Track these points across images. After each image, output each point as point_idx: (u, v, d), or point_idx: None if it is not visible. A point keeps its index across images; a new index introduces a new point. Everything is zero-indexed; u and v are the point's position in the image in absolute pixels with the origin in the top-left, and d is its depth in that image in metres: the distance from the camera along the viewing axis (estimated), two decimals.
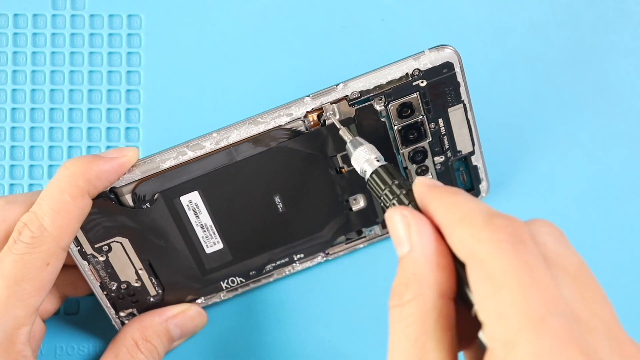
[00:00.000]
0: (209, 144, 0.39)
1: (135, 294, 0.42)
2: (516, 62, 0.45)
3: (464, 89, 0.40)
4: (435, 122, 0.41)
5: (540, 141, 0.45)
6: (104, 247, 0.41)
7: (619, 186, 0.45)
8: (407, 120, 0.40)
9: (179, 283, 0.42)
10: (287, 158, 0.40)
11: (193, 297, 0.43)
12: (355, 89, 0.39)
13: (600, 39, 0.45)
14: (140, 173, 0.39)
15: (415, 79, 0.39)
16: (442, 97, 0.40)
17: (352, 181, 0.42)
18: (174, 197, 0.40)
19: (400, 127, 0.40)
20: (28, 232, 0.36)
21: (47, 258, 0.36)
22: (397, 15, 0.45)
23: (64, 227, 0.37)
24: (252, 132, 0.39)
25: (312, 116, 0.40)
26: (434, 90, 0.40)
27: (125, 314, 0.43)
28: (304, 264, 0.43)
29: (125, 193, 0.40)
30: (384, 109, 0.40)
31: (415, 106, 0.40)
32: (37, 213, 0.36)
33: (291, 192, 0.41)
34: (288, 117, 0.39)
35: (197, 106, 0.45)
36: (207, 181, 0.40)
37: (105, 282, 0.42)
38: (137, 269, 0.42)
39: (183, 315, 0.42)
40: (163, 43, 0.45)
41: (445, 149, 0.42)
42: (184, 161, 0.39)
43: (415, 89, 0.40)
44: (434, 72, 0.39)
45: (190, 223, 0.41)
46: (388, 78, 0.39)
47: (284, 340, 0.44)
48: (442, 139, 0.41)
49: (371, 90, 0.39)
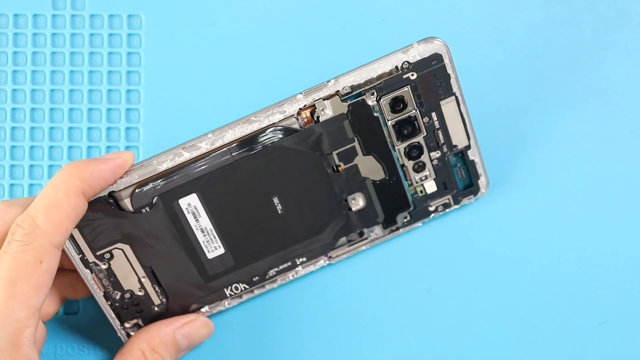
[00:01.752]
0: (205, 144, 0.39)
1: (139, 303, 0.42)
2: (516, 62, 0.45)
3: (454, 81, 0.40)
4: (429, 116, 0.41)
5: (540, 141, 0.45)
6: (106, 255, 0.41)
7: (619, 186, 0.45)
8: (401, 114, 0.40)
9: (183, 291, 0.42)
10: (282, 157, 0.40)
11: (197, 305, 0.43)
12: (347, 84, 0.39)
13: (600, 39, 0.45)
14: (138, 177, 0.39)
15: (405, 72, 0.39)
16: (434, 90, 0.40)
17: (350, 179, 0.41)
18: (172, 200, 0.40)
19: (394, 122, 0.41)
20: (20, 230, 0.36)
21: (40, 255, 0.36)
22: (397, 15, 0.45)
23: (56, 224, 0.36)
24: (246, 132, 0.39)
25: (305, 113, 0.40)
26: (424, 83, 0.40)
27: (130, 325, 0.42)
28: (307, 268, 0.43)
29: (124, 197, 0.40)
30: (377, 104, 0.40)
31: (408, 100, 0.40)
32: (29, 212, 0.36)
33: (289, 193, 0.41)
34: (281, 115, 0.39)
35: (197, 106, 0.45)
36: (204, 183, 0.40)
37: (108, 292, 0.41)
38: (140, 277, 0.41)
39: (191, 325, 0.41)
40: (163, 43, 0.45)
41: (441, 144, 0.42)
42: (180, 163, 0.39)
43: (406, 82, 0.40)
44: (423, 64, 0.39)
45: (190, 227, 0.41)
46: (378, 72, 0.39)
47: (289, 346, 0.44)
48: (437, 133, 0.41)
49: (362, 84, 0.39)
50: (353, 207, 0.42)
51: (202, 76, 0.45)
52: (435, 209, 0.43)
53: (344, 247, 0.43)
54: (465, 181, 0.43)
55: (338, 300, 0.44)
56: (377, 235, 0.43)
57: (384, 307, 0.44)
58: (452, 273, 0.44)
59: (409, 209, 0.43)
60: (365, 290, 0.44)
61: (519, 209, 0.45)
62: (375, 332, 0.44)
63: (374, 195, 0.42)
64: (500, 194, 0.45)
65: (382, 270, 0.44)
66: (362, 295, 0.44)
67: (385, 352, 0.44)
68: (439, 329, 0.44)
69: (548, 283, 0.44)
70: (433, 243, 0.44)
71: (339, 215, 0.42)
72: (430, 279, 0.44)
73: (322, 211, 0.42)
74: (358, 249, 0.43)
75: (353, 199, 0.42)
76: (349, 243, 0.43)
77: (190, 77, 0.45)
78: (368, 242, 0.43)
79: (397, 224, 0.43)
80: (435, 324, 0.44)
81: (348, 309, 0.44)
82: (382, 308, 0.44)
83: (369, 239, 0.43)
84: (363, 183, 0.42)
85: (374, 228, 0.43)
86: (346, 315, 0.44)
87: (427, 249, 0.44)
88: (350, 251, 0.43)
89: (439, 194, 0.43)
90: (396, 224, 0.43)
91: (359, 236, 0.43)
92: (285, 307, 0.44)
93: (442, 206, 0.43)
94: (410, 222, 0.43)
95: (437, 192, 0.43)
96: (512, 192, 0.45)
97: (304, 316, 0.44)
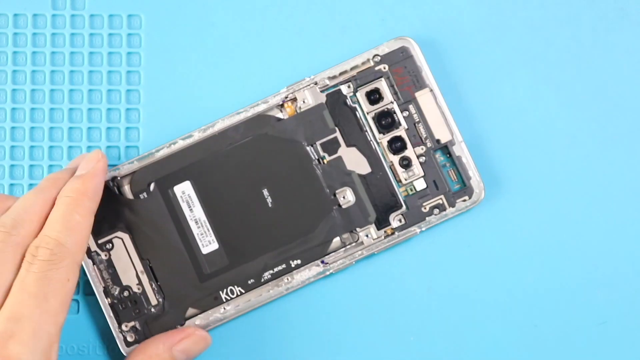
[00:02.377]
0: (197, 132, 0.43)
1: (136, 302, 0.43)
2: (516, 62, 0.45)
3: (427, 74, 0.43)
4: (407, 110, 0.43)
5: (540, 141, 0.45)
6: (107, 245, 0.43)
7: (619, 186, 0.45)
8: (379, 107, 0.43)
9: (179, 290, 0.43)
10: (268, 145, 0.43)
11: (194, 310, 0.43)
12: (324, 76, 0.43)
13: (600, 39, 0.45)
14: (137, 163, 0.43)
15: (376, 64, 0.43)
16: (407, 81, 0.43)
17: (336, 172, 0.43)
18: (168, 186, 0.43)
19: (373, 115, 0.43)
20: (47, 251, 0.37)
21: (67, 274, 0.37)
22: (397, 15, 0.45)
23: (78, 245, 0.38)
24: (234, 121, 0.43)
25: (287, 104, 0.43)
26: (397, 74, 0.43)
27: (127, 328, 0.43)
28: (301, 274, 0.43)
29: (125, 184, 0.43)
30: (352, 93, 0.43)
31: (383, 91, 0.43)
32: (49, 234, 0.38)
33: (278, 186, 0.43)
34: (265, 105, 0.43)
35: (197, 106, 0.45)
36: (197, 170, 0.43)
37: (108, 286, 0.43)
38: (138, 272, 0.43)
39: (188, 340, 0.41)
40: (163, 43, 0.45)
41: (424, 138, 0.43)
42: (175, 150, 0.43)
43: (379, 74, 0.43)
44: (392, 57, 0.43)
45: (185, 217, 0.43)
46: (351, 64, 0.43)
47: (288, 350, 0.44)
48: (418, 126, 0.43)
49: (337, 76, 0.43)
50: (343, 203, 0.43)
51: (201, 76, 0.45)
52: (430, 211, 0.43)
53: (339, 252, 0.43)
54: (458, 182, 0.43)
55: (338, 300, 0.44)
56: (372, 239, 0.43)
57: (384, 307, 0.44)
58: (451, 273, 0.44)
59: (401, 209, 0.43)
60: (364, 293, 0.44)
61: (519, 209, 0.45)
62: (375, 332, 0.44)
63: (362, 190, 0.43)
64: (499, 194, 0.45)
65: (381, 271, 0.44)
66: (361, 298, 0.44)
67: (386, 352, 0.44)
68: (439, 330, 0.44)
69: (548, 283, 0.44)
70: (433, 243, 0.44)
71: (330, 212, 0.43)
72: (430, 279, 0.44)
73: (312, 206, 0.43)
74: (354, 257, 0.43)
75: (342, 195, 0.43)
76: (343, 247, 0.43)
77: (190, 77, 0.45)
78: (364, 248, 0.43)
79: (391, 224, 0.43)
80: (436, 325, 0.44)
81: (348, 310, 0.44)
82: (382, 308, 0.44)
83: (365, 245, 0.43)
84: (350, 177, 0.43)
85: (368, 229, 0.43)
86: (346, 315, 0.44)
87: (427, 249, 0.44)
88: (346, 257, 0.43)
89: (431, 193, 0.43)
90: (389, 225, 0.43)
91: (353, 238, 0.43)
92: (282, 310, 0.44)
93: (437, 209, 0.43)
94: (405, 226, 0.43)
95: (427, 190, 0.43)
96: (512, 193, 0.45)
97: (303, 317, 0.44)
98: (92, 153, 0.41)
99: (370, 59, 0.43)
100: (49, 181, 0.40)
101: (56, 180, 0.40)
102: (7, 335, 0.35)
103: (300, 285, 0.43)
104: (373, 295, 0.44)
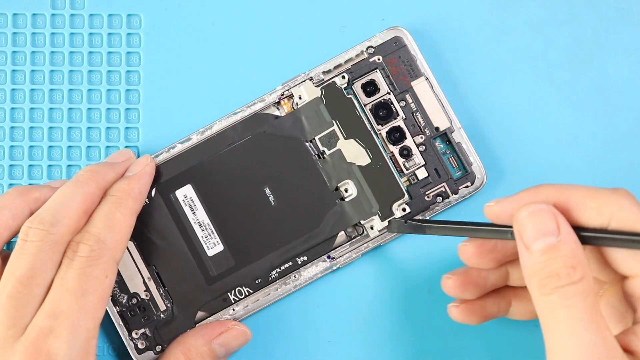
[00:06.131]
0: (195, 135, 0.43)
1: (145, 308, 0.43)
2: (516, 62, 0.45)
3: (422, 62, 0.43)
4: (404, 99, 0.43)
5: (540, 141, 0.45)
6: None
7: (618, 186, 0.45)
8: (375, 98, 0.43)
9: (187, 294, 0.43)
10: (267, 144, 0.43)
11: (204, 314, 0.43)
12: (319, 71, 0.43)
13: (600, 39, 0.45)
14: None
15: (370, 56, 0.43)
16: (402, 71, 0.43)
17: (337, 165, 0.43)
18: (169, 191, 0.43)
19: (370, 107, 0.43)
20: (86, 247, 0.38)
21: (106, 270, 0.38)
22: (397, 15, 0.45)
23: (117, 243, 0.39)
24: (231, 121, 0.43)
25: (284, 102, 0.43)
26: (391, 65, 0.43)
27: (138, 335, 0.43)
28: (308, 270, 0.43)
29: None
30: (347, 85, 0.43)
31: (379, 83, 0.43)
32: (91, 231, 0.38)
33: (280, 183, 0.43)
34: (262, 103, 0.43)
35: (197, 106, 0.45)
36: (198, 173, 0.43)
37: (116, 294, 0.43)
38: (145, 278, 0.43)
39: (227, 334, 0.41)
40: (163, 43, 0.45)
41: (422, 127, 0.43)
42: (175, 154, 0.43)
43: (373, 66, 0.43)
44: (386, 48, 0.43)
45: (188, 221, 0.43)
46: (345, 57, 0.43)
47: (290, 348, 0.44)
48: (415, 115, 0.43)
49: (332, 70, 0.43)
50: (345, 196, 0.43)
51: (201, 76, 0.45)
52: (433, 199, 0.43)
53: (345, 246, 0.43)
54: (459, 169, 0.43)
55: (338, 300, 0.44)
56: (377, 231, 0.43)
57: (384, 307, 0.44)
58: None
59: (403, 198, 0.43)
60: (366, 291, 0.44)
61: None
62: (375, 333, 0.44)
63: (363, 182, 0.43)
64: (500, 194, 0.44)
65: (383, 270, 0.44)
66: (363, 296, 0.44)
67: (386, 353, 0.44)
68: (439, 330, 0.44)
69: None
70: (432, 243, 0.44)
71: (333, 206, 0.43)
72: (430, 280, 0.44)
73: (315, 202, 0.43)
74: (361, 251, 0.43)
75: (345, 188, 0.43)
76: (348, 240, 0.43)
77: (190, 77, 0.45)
78: (370, 240, 0.43)
79: (394, 215, 0.43)
80: (436, 325, 0.44)
81: (348, 310, 0.44)
82: (382, 308, 0.44)
83: (370, 237, 0.43)
84: (350, 169, 0.43)
85: (372, 221, 0.43)
86: (346, 316, 0.44)
87: (427, 249, 0.44)
88: (352, 250, 0.43)
89: (433, 181, 0.43)
90: (393, 215, 0.43)
91: (358, 231, 0.43)
92: (291, 308, 0.44)
93: (440, 196, 0.43)
94: (409, 215, 0.43)
95: (429, 178, 0.43)
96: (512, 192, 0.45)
97: (304, 317, 0.44)
98: (142, 158, 0.42)
99: (364, 50, 0.43)
100: (87, 173, 0.40)
101: (95, 173, 0.40)
102: (47, 331, 0.36)
103: (308, 282, 0.43)
104: (381, 287, 0.44)
